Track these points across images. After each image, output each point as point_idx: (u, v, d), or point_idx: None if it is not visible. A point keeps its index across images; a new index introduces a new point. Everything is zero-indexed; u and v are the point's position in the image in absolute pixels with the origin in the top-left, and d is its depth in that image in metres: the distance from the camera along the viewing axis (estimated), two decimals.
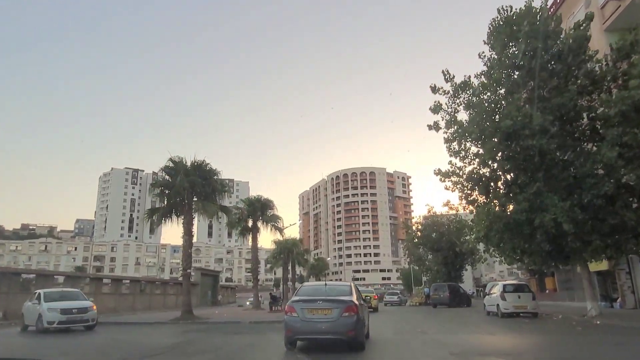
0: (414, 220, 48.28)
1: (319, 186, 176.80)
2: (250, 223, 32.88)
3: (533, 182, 15.62)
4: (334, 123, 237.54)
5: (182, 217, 21.54)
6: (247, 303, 45.49)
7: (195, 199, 21.46)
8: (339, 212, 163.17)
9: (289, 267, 44.93)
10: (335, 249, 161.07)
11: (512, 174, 16.63)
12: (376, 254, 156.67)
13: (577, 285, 33.62)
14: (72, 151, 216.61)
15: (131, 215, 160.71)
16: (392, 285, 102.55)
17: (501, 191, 16.83)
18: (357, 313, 9.08)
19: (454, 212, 46.33)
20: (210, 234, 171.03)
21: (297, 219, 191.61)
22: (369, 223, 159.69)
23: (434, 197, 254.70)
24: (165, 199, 21.29)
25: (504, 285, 21.10)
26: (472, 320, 19.73)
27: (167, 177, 21.30)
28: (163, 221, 22.02)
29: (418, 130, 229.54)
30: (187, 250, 21.91)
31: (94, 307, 16.72)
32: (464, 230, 45.41)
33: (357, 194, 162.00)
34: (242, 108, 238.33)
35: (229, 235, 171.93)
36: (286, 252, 41.21)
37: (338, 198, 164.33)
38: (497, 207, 16.57)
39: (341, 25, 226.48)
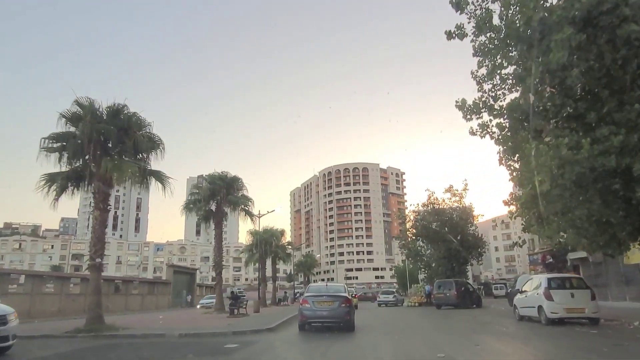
0: (410, 209, 41.45)
1: (311, 182, 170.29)
2: (213, 206, 26.31)
3: (627, 104, 9.26)
4: (326, 120, 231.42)
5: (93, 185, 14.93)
6: (198, 307, 37.19)
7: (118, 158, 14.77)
8: (330, 209, 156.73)
9: (269, 263, 38.45)
10: (327, 246, 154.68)
11: (581, 99, 10.22)
12: (369, 252, 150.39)
13: (612, 281, 27.55)
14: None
15: (115, 212, 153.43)
16: (394, 285, 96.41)
17: (566, 125, 10.39)
18: (350, 304, 13.61)
19: (457, 198, 40.33)
20: (198, 232, 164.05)
21: (289, 216, 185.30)
22: (361, 220, 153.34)
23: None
24: (66, 159, 14.53)
25: (549, 280, 14.66)
26: (507, 331, 13.30)
27: (71, 127, 14.68)
28: (67, 192, 15.26)
29: (412, 127, 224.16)
30: (97, 232, 15.22)
31: (15, 316, 9.38)
32: (469, 219, 39.24)
33: (349, 190, 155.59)
34: (233, 104, 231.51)
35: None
36: (263, 244, 34.69)
37: (330, 195, 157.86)
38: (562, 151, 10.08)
39: (330, 20, 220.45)
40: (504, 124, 11.22)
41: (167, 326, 15.75)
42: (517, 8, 10.55)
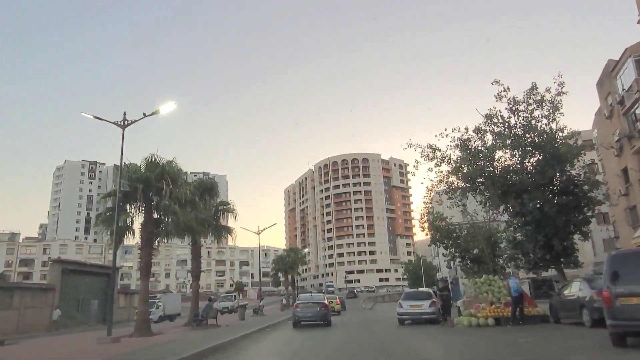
0: (453, 136, 20.60)
1: (306, 177, 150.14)
2: None
3: None
4: (322, 113, 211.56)
5: None
6: None
7: None
8: (328, 205, 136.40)
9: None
10: (324, 247, 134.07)
11: None
12: (372, 252, 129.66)
13: None
14: (31, 149, 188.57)
15: (88, 214, 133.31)
16: (436, 284, 71.45)
17: None
18: (328, 308, 18.69)
19: (547, 111, 20.31)
20: None
21: (283, 217, 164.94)
22: (362, 217, 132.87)
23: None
24: None
25: None
26: None
27: None
28: None
29: (413, 115, 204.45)
30: None
31: None
32: (575, 148, 18.91)
33: (348, 184, 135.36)
34: (225, 101, 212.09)
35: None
36: (142, 192, 14.81)
37: (327, 189, 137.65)
38: None
39: (324, 10, 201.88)
40: None
41: None
42: None
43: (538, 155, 18.72)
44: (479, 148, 20.08)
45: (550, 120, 19.07)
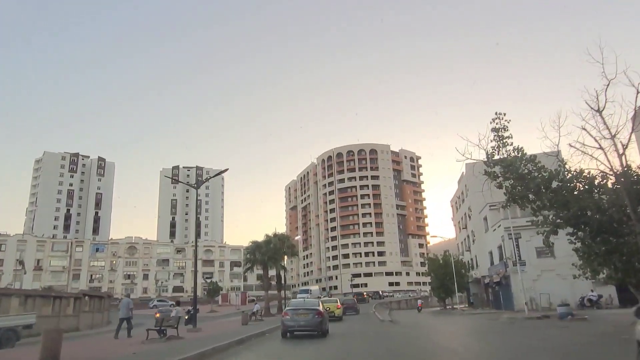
0: None
1: (308, 172, 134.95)
2: None
3: None
4: (326, 105, 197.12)
5: None
6: None
7: None
8: (332, 201, 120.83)
9: None
10: (328, 247, 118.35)
11: None
12: (380, 253, 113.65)
13: None
14: (10, 140, 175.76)
15: (68, 210, 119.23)
16: (466, 287, 46.87)
17: None
18: (323, 316, 15.86)
19: None
20: (173, 234, 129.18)
21: (283, 215, 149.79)
22: (370, 214, 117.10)
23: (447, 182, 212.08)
24: None
25: None
26: None
27: None
28: None
29: (425, 106, 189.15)
30: None
31: None
32: None
33: (354, 178, 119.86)
34: (225, 97, 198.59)
35: (198, 235, 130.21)
36: None
37: (331, 184, 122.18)
38: None
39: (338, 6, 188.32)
40: None
41: None
42: None
43: None
44: None
45: None
